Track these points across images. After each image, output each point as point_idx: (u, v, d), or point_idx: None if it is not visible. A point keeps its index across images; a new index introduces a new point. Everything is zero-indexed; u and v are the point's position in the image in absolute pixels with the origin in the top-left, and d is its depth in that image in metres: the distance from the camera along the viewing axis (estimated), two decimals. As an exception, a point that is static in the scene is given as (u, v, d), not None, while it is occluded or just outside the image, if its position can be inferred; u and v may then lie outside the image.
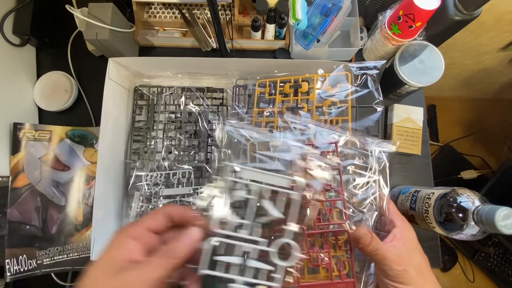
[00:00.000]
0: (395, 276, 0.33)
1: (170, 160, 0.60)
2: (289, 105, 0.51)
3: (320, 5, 0.56)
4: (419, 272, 0.34)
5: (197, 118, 0.61)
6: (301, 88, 0.50)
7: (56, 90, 0.66)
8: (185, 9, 0.65)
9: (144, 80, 0.63)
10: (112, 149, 0.57)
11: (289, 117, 0.44)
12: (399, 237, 0.35)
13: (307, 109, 0.49)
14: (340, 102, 0.48)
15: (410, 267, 0.33)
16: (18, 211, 0.58)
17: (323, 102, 0.49)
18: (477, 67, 1.14)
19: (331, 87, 0.49)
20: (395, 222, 0.37)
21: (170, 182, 0.58)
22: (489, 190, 1.06)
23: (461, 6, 0.53)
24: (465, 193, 0.43)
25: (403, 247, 0.34)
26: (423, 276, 0.34)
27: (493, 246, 1.18)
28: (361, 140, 0.42)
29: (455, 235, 0.43)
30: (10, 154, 0.59)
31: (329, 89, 0.49)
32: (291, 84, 0.51)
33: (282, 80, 0.52)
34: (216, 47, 0.63)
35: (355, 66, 0.48)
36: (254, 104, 0.53)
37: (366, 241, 0.34)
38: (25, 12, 0.63)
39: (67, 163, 0.61)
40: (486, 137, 1.35)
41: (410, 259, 0.34)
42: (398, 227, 0.36)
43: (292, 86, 0.52)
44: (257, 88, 0.53)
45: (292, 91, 0.51)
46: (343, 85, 0.48)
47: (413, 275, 0.33)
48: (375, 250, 0.33)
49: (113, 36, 0.57)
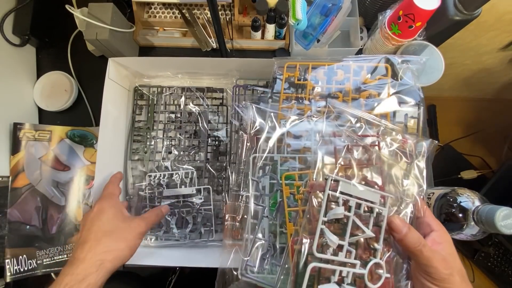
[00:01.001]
0: (441, 280, 0.32)
1: (170, 160, 0.60)
2: (321, 93, 0.45)
3: (320, 5, 0.56)
4: (463, 277, 0.33)
5: (197, 118, 0.61)
6: (336, 76, 0.45)
7: (56, 90, 0.66)
8: (185, 9, 0.65)
9: (144, 80, 0.63)
10: (112, 149, 0.57)
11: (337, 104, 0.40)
12: (439, 241, 0.34)
13: (342, 99, 0.44)
14: (378, 95, 0.44)
15: (455, 272, 0.32)
16: (18, 211, 0.58)
17: (360, 94, 0.45)
18: (477, 67, 1.14)
19: (371, 79, 0.45)
20: (432, 225, 0.36)
21: (172, 182, 0.58)
22: (489, 190, 1.06)
23: (461, 6, 0.53)
24: (465, 193, 0.43)
25: (445, 251, 0.34)
26: (466, 281, 0.33)
27: (493, 246, 1.18)
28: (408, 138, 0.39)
29: (455, 235, 0.43)
30: (10, 154, 0.59)
31: (368, 81, 0.44)
32: (325, 70, 0.46)
33: (313, 66, 0.46)
34: (216, 47, 0.63)
35: (397, 59, 0.45)
36: (282, 89, 0.47)
37: (401, 230, 0.33)
38: (25, 12, 0.63)
39: (67, 163, 0.61)
40: (486, 137, 1.34)
41: (454, 263, 0.33)
42: (436, 231, 0.35)
43: (326, 72, 0.46)
44: (285, 71, 0.47)
45: (326, 78, 0.46)
46: (382, 78, 0.44)
47: (458, 280, 0.32)
48: (418, 245, 0.32)
49: (113, 36, 0.57)
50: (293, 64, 0.48)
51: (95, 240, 0.39)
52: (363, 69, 0.46)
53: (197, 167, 0.60)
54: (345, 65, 0.46)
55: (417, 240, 0.33)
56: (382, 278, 0.33)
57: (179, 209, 0.56)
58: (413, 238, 0.33)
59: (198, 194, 0.57)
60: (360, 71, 0.46)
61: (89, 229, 0.40)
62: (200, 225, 0.57)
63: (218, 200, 0.59)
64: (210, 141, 0.61)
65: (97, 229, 0.40)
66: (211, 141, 0.61)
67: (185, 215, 0.57)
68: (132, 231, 0.42)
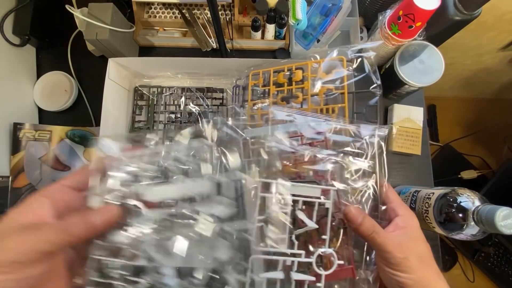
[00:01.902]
0: (396, 264, 0.32)
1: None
2: (284, 95, 0.48)
3: (320, 5, 0.56)
4: (421, 261, 0.33)
5: (197, 118, 0.61)
6: (295, 77, 0.47)
7: (56, 90, 0.66)
8: (185, 9, 0.65)
9: (144, 80, 0.63)
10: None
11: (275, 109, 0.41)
12: (402, 225, 0.35)
13: (302, 98, 0.46)
14: (336, 89, 0.45)
15: (412, 256, 0.32)
16: (18, 211, 0.58)
17: (319, 90, 0.46)
18: (477, 67, 1.14)
19: (326, 74, 0.46)
20: (397, 210, 0.36)
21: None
22: (489, 190, 1.06)
23: (461, 6, 0.53)
24: (465, 193, 0.43)
25: (406, 236, 0.34)
26: (426, 265, 0.33)
27: (493, 246, 1.18)
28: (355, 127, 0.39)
29: (455, 235, 0.43)
30: (10, 154, 0.59)
31: (324, 76, 0.46)
32: (285, 73, 0.49)
33: (275, 70, 0.49)
34: (216, 47, 0.63)
35: (350, 49, 0.46)
36: (249, 97, 0.50)
37: (357, 220, 0.34)
38: (25, 12, 0.63)
39: (67, 163, 0.61)
40: (486, 137, 1.34)
41: (413, 247, 0.33)
42: (400, 216, 0.35)
43: (286, 75, 0.49)
44: (250, 80, 0.50)
45: (286, 80, 0.49)
46: (338, 71, 0.45)
47: (415, 263, 0.32)
48: (371, 233, 0.33)
49: (113, 36, 0.57)
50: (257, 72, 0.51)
51: None
52: (319, 66, 0.46)
53: None
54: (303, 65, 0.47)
55: (371, 227, 0.33)
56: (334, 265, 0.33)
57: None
58: (367, 226, 0.33)
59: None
60: (316, 68, 0.46)
61: None
62: None
63: None
64: None
65: None
66: None
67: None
68: None
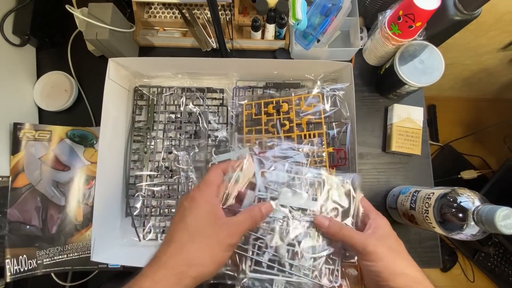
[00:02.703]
0: (367, 254, 0.36)
1: (170, 161, 0.60)
2: (273, 123, 0.56)
3: (320, 5, 0.56)
4: (390, 251, 0.37)
5: (197, 118, 0.61)
6: (282, 108, 0.56)
7: (56, 90, 0.66)
8: (185, 9, 0.65)
9: (144, 80, 0.63)
10: (112, 149, 0.57)
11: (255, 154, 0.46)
12: (373, 225, 0.39)
13: (288, 126, 0.55)
14: (315, 119, 0.56)
15: (380, 247, 0.36)
16: (18, 211, 0.58)
17: (302, 120, 0.55)
18: (477, 67, 1.14)
19: (307, 107, 0.56)
20: (369, 215, 0.41)
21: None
22: (489, 190, 1.06)
23: (461, 6, 0.53)
24: (465, 193, 0.43)
25: (376, 232, 0.38)
26: (394, 252, 0.37)
27: (493, 246, 1.18)
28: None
29: (455, 235, 0.43)
30: (10, 154, 0.59)
31: (306, 109, 0.56)
32: (273, 105, 0.57)
33: (266, 102, 0.58)
34: (216, 47, 0.63)
35: (326, 88, 0.56)
36: (244, 124, 0.57)
37: (324, 224, 0.39)
38: (25, 12, 0.63)
39: (67, 163, 0.61)
40: (486, 137, 1.35)
41: (382, 240, 0.37)
42: (372, 219, 0.40)
43: (275, 107, 0.57)
44: (244, 110, 0.58)
45: (275, 111, 0.57)
46: (317, 105, 0.55)
47: (383, 253, 0.36)
48: (340, 231, 0.38)
49: (113, 36, 0.57)
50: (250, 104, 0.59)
51: (179, 243, 0.33)
52: (301, 100, 0.57)
53: (197, 167, 0.60)
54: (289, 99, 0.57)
55: (338, 227, 0.39)
56: None
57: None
58: (334, 227, 0.39)
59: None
60: (299, 102, 0.57)
61: (176, 225, 0.35)
62: None
63: None
64: (211, 141, 0.61)
65: (183, 227, 0.34)
66: (211, 142, 0.61)
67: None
68: (221, 241, 0.34)
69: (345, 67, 0.55)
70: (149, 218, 0.58)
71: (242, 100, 0.59)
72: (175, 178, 0.59)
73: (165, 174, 0.60)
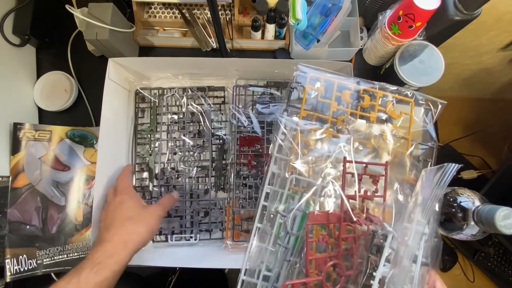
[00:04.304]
0: None
1: (175, 162, 0.60)
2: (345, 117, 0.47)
3: (320, 5, 0.56)
4: None
5: (199, 118, 0.61)
6: (362, 102, 0.46)
7: (56, 90, 0.66)
8: (185, 9, 0.65)
9: (144, 83, 0.63)
10: (112, 149, 0.57)
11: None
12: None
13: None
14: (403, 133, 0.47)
15: None
16: (18, 211, 0.58)
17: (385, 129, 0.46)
18: (477, 67, 1.14)
19: (396, 113, 0.47)
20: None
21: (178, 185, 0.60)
22: (489, 190, 1.06)
23: (461, 6, 0.53)
24: (465, 193, 0.43)
25: None
26: None
27: (493, 246, 1.18)
28: None
29: (455, 235, 0.43)
30: (10, 154, 0.59)
31: (395, 115, 0.46)
32: (351, 92, 0.47)
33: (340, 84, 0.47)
34: (216, 47, 0.63)
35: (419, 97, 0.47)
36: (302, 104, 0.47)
37: None
38: (25, 12, 0.63)
39: (67, 163, 0.61)
40: (486, 137, 1.34)
41: None
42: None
43: (352, 95, 0.47)
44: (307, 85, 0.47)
45: (351, 101, 0.47)
46: (406, 114, 0.46)
47: None
48: None
49: (113, 36, 0.57)
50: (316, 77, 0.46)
51: (119, 225, 0.44)
52: (388, 99, 0.45)
53: (203, 166, 0.60)
54: (373, 91, 0.45)
55: None
56: None
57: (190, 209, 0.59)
58: None
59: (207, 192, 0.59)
60: (385, 101, 0.45)
61: (112, 216, 0.46)
62: (210, 224, 0.59)
63: (223, 198, 0.60)
64: (214, 140, 0.61)
65: (119, 216, 0.45)
66: (215, 140, 0.61)
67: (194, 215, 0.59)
68: (150, 215, 0.47)
69: (345, 67, 0.55)
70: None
71: (242, 99, 0.58)
72: (181, 179, 0.60)
73: (171, 175, 0.60)
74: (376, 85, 0.46)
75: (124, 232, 0.43)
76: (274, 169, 0.45)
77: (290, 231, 0.40)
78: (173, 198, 0.55)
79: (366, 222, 0.38)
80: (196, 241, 0.58)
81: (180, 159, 0.60)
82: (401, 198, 0.41)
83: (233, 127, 0.60)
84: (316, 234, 0.39)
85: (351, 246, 0.38)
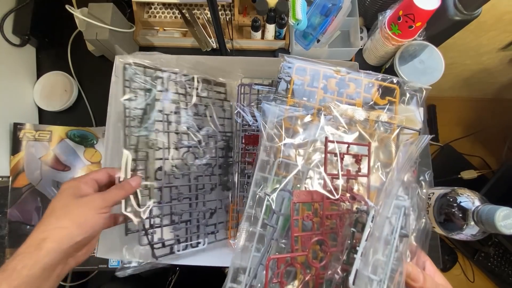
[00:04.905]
0: None
1: (179, 159, 0.58)
2: None
3: (320, 5, 0.56)
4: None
5: (205, 111, 0.59)
6: (348, 89, 0.48)
7: (56, 90, 0.66)
8: (185, 9, 0.65)
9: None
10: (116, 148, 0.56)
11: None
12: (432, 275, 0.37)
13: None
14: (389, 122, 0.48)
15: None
16: (18, 211, 0.58)
17: (369, 115, 0.47)
18: (477, 67, 1.14)
19: (381, 99, 0.48)
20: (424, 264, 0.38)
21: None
22: (489, 190, 1.06)
23: (461, 6, 0.53)
24: (465, 193, 0.43)
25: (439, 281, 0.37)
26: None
27: (493, 246, 1.18)
28: None
29: (455, 235, 0.43)
30: (10, 154, 0.59)
31: (378, 100, 0.47)
32: (336, 80, 0.48)
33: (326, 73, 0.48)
34: (216, 47, 0.63)
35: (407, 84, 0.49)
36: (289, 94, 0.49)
37: (419, 279, 0.34)
38: (25, 12, 0.63)
39: (67, 163, 0.61)
40: (486, 137, 1.34)
41: None
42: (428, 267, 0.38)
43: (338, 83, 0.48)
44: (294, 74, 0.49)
45: (337, 89, 0.48)
46: (391, 100, 0.47)
47: None
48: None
49: (113, 36, 0.57)
50: (303, 67, 0.47)
51: (42, 221, 0.37)
52: (374, 87, 0.46)
53: (207, 164, 0.59)
54: (357, 78, 0.46)
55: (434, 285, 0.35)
56: None
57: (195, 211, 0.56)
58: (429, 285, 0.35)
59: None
60: (371, 88, 0.46)
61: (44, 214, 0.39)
62: (217, 225, 0.57)
63: (227, 196, 0.59)
64: (219, 137, 0.60)
65: (47, 210, 0.38)
66: (220, 137, 0.60)
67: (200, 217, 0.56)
68: (80, 206, 0.38)
69: (352, 66, 0.54)
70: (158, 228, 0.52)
71: (247, 97, 0.57)
72: (185, 177, 0.55)
73: (174, 174, 0.54)
74: (361, 73, 0.48)
75: (44, 228, 0.36)
76: (264, 156, 0.45)
77: (277, 210, 0.41)
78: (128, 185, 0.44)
79: (350, 199, 0.40)
80: (205, 246, 0.54)
81: (183, 155, 0.56)
82: (385, 179, 0.43)
83: (238, 125, 0.59)
84: (302, 213, 0.40)
85: (336, 225, 0.39)
